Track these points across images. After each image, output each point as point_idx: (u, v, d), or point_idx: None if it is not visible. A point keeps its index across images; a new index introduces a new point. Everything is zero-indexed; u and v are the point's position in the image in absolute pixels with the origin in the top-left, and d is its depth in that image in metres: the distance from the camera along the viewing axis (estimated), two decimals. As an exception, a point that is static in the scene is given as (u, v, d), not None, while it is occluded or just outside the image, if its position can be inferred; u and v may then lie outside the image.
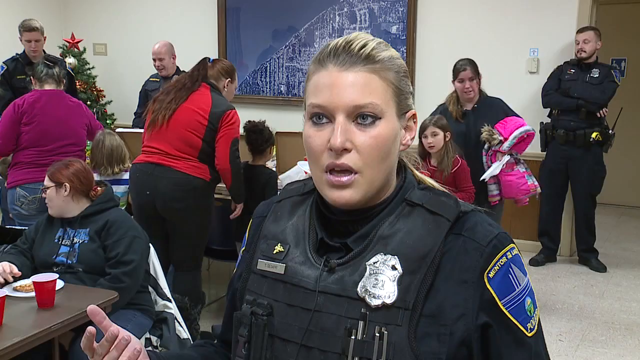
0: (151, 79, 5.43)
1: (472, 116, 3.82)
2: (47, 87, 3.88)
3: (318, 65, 0.96)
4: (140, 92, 5.49)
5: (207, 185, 3.39)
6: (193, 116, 3.30)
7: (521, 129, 3.57)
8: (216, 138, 3.33)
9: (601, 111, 4.73)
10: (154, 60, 5.25)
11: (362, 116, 0.93)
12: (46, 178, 2.72)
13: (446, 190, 1.01)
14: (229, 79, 3.55)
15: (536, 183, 3.77)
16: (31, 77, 3.98)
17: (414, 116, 1.01)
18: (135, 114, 5.54)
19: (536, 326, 0.97)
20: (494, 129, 3.65)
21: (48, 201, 2.71)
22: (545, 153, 4.97)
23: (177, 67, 5.39)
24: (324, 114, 0.94)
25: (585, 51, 4.71)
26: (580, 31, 4.78)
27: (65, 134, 3.86)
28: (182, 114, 3.31)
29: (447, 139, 3.42)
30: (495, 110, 3.79)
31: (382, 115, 0.93)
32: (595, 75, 4.74)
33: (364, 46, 0.94)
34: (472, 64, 3.84)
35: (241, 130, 3.53)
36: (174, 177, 3.29)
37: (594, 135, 4.71)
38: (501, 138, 3.60)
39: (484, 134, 3.64)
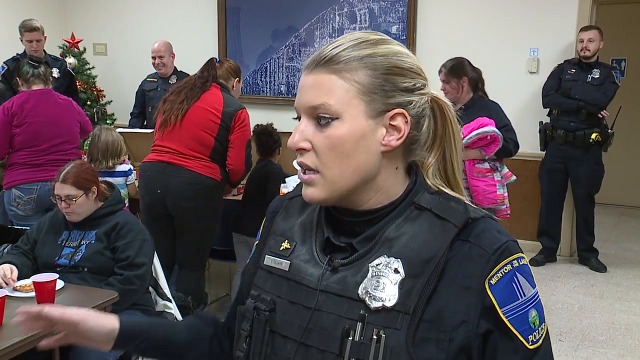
0: (148, 79, 5.44)
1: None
2: (34, 87, 3.86)
3: (303, 69, 1.00)
4: (136, 92, 5.50)
5: (218, 185, 3.42)
6: (206, 115, 3.33)
7: (479, 130, 3.48)
8: (230, 138, 3.37)
9: (602, 112, 4.73)
10: (154, 58, 5.27)
11: (320, 117, 0.94)
12: (70, 188, 2.63)
13: (457, 196, 0.99)
14: (237, 78, 3.61)
15: (506, 195, 3.59)
16: (17, 79, 3.96)
17: (401, 115, 0.95)
18: (131, 114, 5.54)
19: (540, 340, 0.93)
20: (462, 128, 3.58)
21: (75, 208, 2.64)
22: (544, 152, 4.97)
23: (175, 67, 5.40)
24: (299, 116, 0.98)
25: (589, 50, 4.70)
26: (584, 29, 4.77)
27: (58, 132, 3.84)
28: (195, 113, 3.32)
29: None
30: (481, 113, 3.60)
31: (339, 115, 0.93)
32: (596, 76, 4.73)
33: (337, 47, 0.95)
34: (449, 66, 3.68)
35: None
36: (185, 176, 3.30)
37: (593, 136, 4.71)
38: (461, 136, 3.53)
39: None
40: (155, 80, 5.37)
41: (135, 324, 1.13)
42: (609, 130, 4.77)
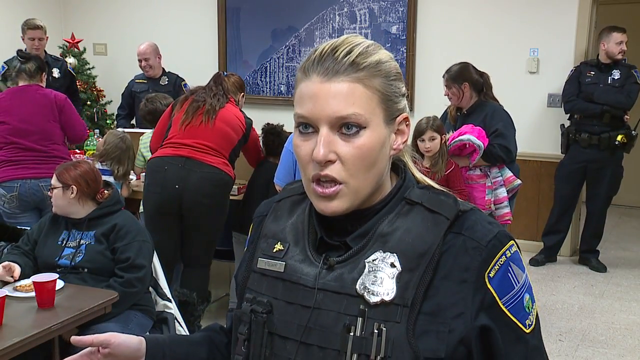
0: (137, 81, 5.43)
1: (460, 121, 3.76)
2: (21, 83, 3.84)
3: (303, 75, 0.95)
4: (123, 93, 5.49)
5: (232, 183, 3.51)
6: (235, 121, 3.48)
7: (457, 138, 3.47)
8: (247, 147, 3.65)
9: (626, 116, 4.68)
10: (140, 60, 5.28)
11: (346, 126, 0.92)
12: (54, 177, 2.72)
13: (445, 189, 1.01)
14: (242, 92, 3.78)
15: (492, 199, 3.56)
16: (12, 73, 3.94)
17: (405, 120, 0.99)
18: (118, 115, 5.55)
19: (534, 322, 0.98)
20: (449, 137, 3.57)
21: (53, 200, 2.71)
22: (563, 154, 4.92)
23: (164, 68, 5.40)
24: (309, 124, 0.94)
25: (625, 51, 4.66)
26: (620, 31, 4.66)
27: (31, 129, 3.77)
28: (226, 115, 3.45)
29: (442, 141, 3.36)
30: (479, 117, 3.64)
31: (367, 124, 0.93)
32: (616, 77, 4.66)
33: (349, 53, 0.93)
34: (450, 73, 3.71)
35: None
36: (205, 170, 3.34)
37: (619, 138, 4.63)
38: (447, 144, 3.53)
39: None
40: (145, 81, 5.36)
41: (157, 339, 1.11)
42: (633, 132, 4.70)
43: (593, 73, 4.72)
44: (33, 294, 2.34)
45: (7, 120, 3.77)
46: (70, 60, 6.08)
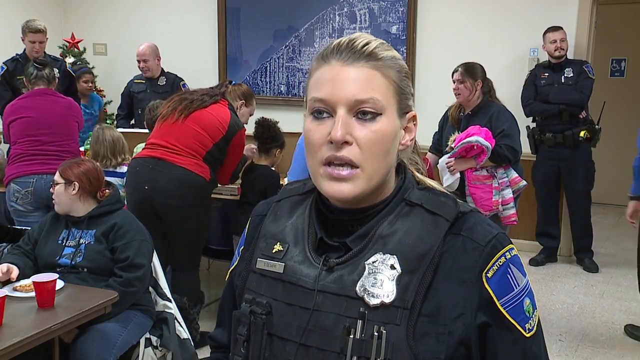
0: (136, 81, 5.44)
1: (464, 122, 3.77)
2: (37, 88, 3.90)
3: (321, 61, 0.97)
4: (122, 93, 5.50)
5: (207, 184, 3.39)
6: (213, 122, 3.36)
7: (463, 141, 3.48)
8: (228, 151, 3.42)
9: (582, 114, 4.74)
10: (139, 61, 5.29)
11: (362, 111, 0.93)
12: (57, 174, 2.73)
13: (445, 191, 1.01)
14: (244, 101, 3.68)
15: (500, 200, 3.56)
16: (23, 80, 4.01)
17: (414, 118, 1.01)
18: (117, 115, 5.56)
19: (535, 327, 0.97)
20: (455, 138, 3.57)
21: (55, 197, 2.72)
22: (535, 154, 4.96)
23: (162, 68, 5.41)
24: (324, 109, 0.94)
25: (563, 49, 4.74)
26: (553, 30, 4.77)
27: (51, 124, 3.81)
28: (202, 115, 3.35)
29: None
30: (486, 118, 3.65)
31: (383, 111, 0.94)
32: (569, 75, 4.76)
33: (367, 44, 0.95)
34: (466, 67, 3.75)
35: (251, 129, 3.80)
36: (174, 172, 3.28)
37: (582, 133, 4.72)
38: (453, 145, 3.53)
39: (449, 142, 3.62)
40: (143, 82, 5.37)
41: None
42: (596, 126, 4.79)
43: (547, 74, 4.81)
44: (33, 294, 2.34)
45: (25, 114, 3.82)
46: (70, 60, 6.08)
